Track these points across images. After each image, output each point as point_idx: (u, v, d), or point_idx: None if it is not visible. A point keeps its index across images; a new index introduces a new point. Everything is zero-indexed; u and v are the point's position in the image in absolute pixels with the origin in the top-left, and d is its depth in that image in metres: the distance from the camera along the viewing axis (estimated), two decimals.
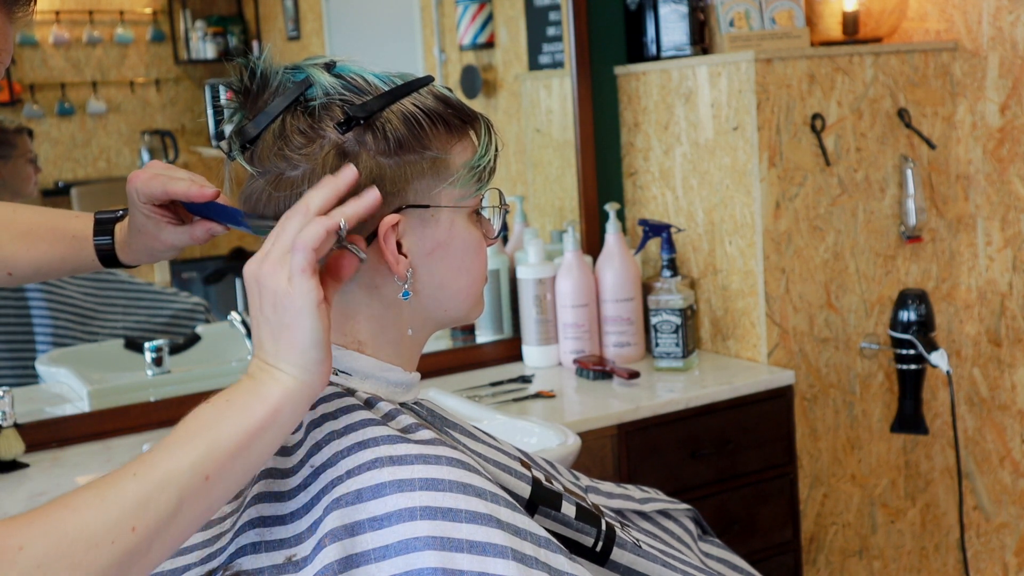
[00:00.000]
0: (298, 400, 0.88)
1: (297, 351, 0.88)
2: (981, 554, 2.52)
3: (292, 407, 0.88)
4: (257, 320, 0.90)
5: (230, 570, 0.90)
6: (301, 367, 0.88)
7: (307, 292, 0.87)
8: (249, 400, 0.87)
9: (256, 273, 0.89)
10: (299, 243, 0.87)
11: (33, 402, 2.04)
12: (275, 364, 0.88)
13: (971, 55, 2.34)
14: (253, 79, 1.01)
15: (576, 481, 1.23)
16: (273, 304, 0.88)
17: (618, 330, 2.30)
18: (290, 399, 0.88)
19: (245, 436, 0.86)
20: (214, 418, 0.86)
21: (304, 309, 0.87)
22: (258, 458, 0.88)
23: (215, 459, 0.84)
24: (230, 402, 0.87)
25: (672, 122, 2.34)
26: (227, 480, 0.86)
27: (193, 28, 2.43)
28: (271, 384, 0.88)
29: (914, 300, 2.21)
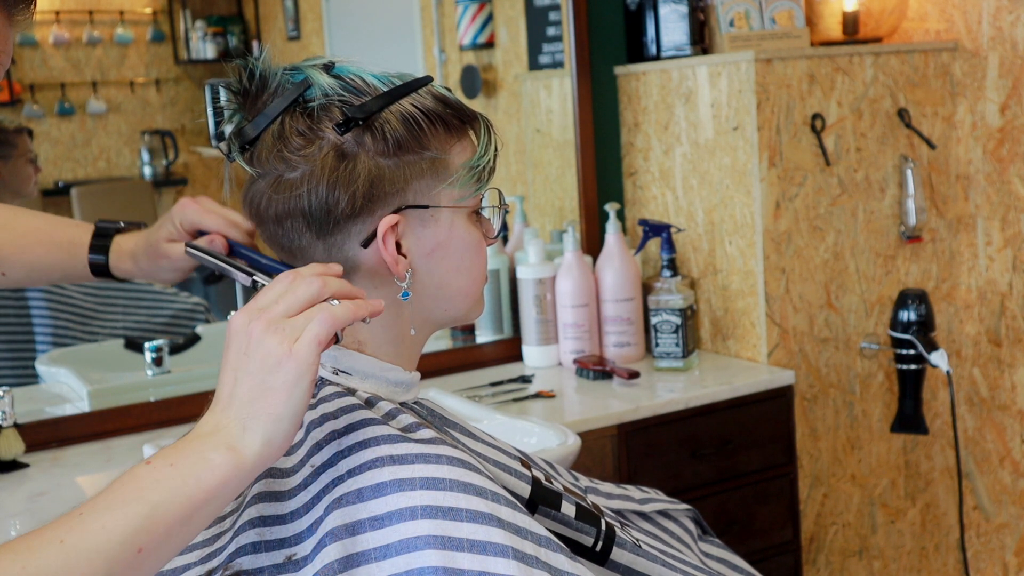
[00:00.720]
0: (248, 474, 0.83)
1: (272, 419, 0.83)
2: (981, 554, 2.52)
3: (240, 480, 0.82)
4: (235, 372, 0.85)
5: (230, 569, 0.90)
6: (267, 438, 0.83)
7: (310, 365, 0.84)
8: (196, 469, 0.81)
9: (251, 326, 0.85)
10: (329, 318, 0.85)
11: (33, 402, 2.04)
12: (239, 426, 0.83)
13: (971, 55, 2.34)
14: (252, 80, 1.01)
15: (576, 482, 1.24)
16: (264, 362, 0.84)
17: (618, 330, 2.30)
18: (240, 471, 0.82)
19: (186, 509, 0.80)
20: (154, 484, 0.80)
21: (300, 379, 0.83)
22: (197, 529, 0.82)
23: (151, 531, 0.78)
24: (174, 467, 0.81)
25: (672, 122, 2.35)
26: (161, 553, 0.80)
27: (193, 28, 2.43)
28: (224, 452, 0.82)
29: (914, 300, 2.21)
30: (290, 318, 0.85)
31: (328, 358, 1.03)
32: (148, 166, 2.41)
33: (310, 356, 0.84)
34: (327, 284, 0.88)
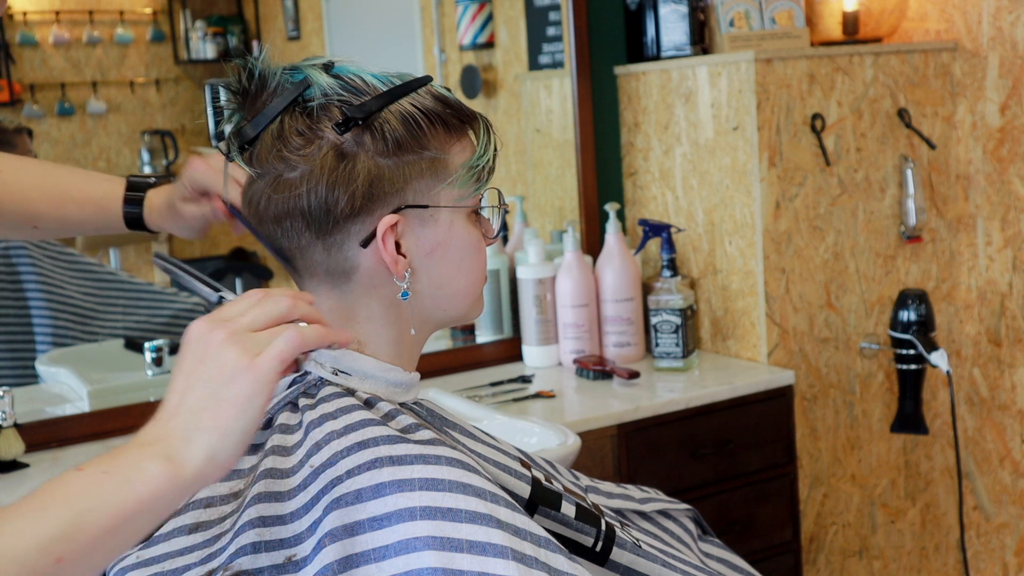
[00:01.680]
0: (185, 489, 0.79)
1: (219, 433, 0.79)
2: (981, 554, 2.52)
3: (176, 495, 0.78)
4: (187, 380, 0.81)
5: (230, 570, 0.90)
6: (210, 453, 0.79)
7: (268, 382, 0.82)
8: (129, 478, 0.76)
9: (211, 335, 0.82)
10: (296, 338, 0.84)
11: (33, 402, 2.04)
12: (182, 437, 0.79)
13: (971, 55, 2.34)
14: (251, 80, 1.01)
15: (576, 481, 1.24)
16: (220, 373, 0.81)
17: (618, 330, 2.30)
18: (176, 485, 0.78)
19: (113, 519, 0.75)
20: (82, 491, 0.75)
21: (255, 395, 0.81)
22: (125, 542, 0.77)
23: (72, 540, 0.73)
24: (107, 475, 0.76)
25: (672, 122, 2.35)
26: (83, 565, 0.74)
27: (193, 28, 2.43)
28: (161, 463, 0.77)
29: (914, 300, 2.21)
30: (254, 332, 0.83)
31: (328, 358, 1.03)
32: (148, 166, 2.41)
33: (270, 372, 0.82)
34: (297, 305, 0.87)
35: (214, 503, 0.99)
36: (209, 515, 0.98)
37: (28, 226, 1.34)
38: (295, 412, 1.01)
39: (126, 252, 2.43)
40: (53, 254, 2.18)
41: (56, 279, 2.17)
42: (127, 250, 2.43)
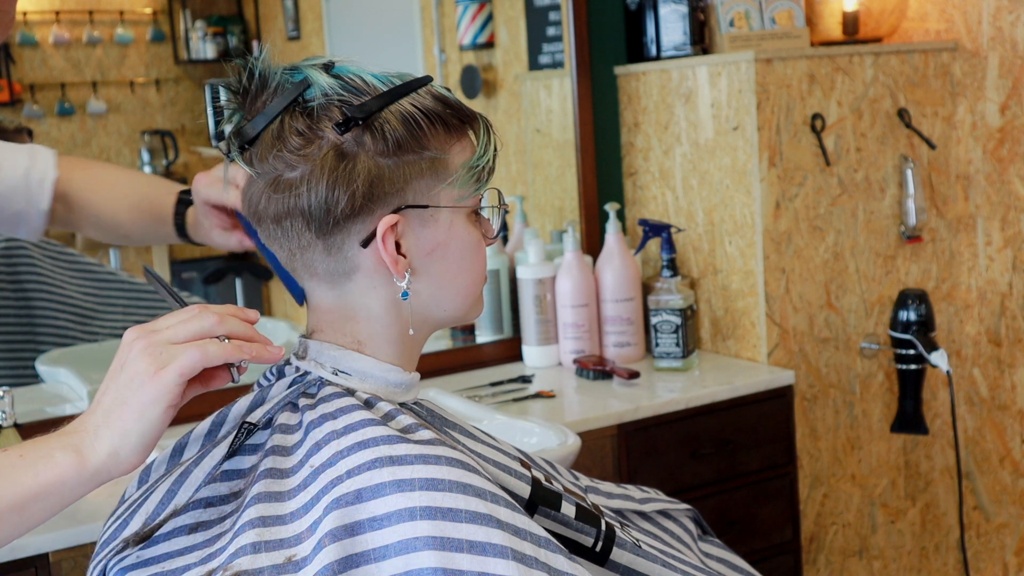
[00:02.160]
0: (88, 479, 0.87)
1: (120, 432, 0.87)
2: (981, 554, 2.52)
3: (79, 483, 0.87)
4: (108, 382, 0.89)
5: (230, 570, 0.90)
6: (112, 449, 0.87)
7: (168, 392, 0.88)
8: (38, 463, 0.85)
9: (134, 343, 0.89)
10: (197, 353, 0.88)
11: (33, 402, 2.04)
12: (92, 432, 0.87)
13: (971, 55, 2.34)
14: (252, 79, 1.01)
15: (576, 481, 1.24)
16: (131, 379, 0.87)
17: (618, 330, 2.30)
18: (79, 475, 0.86)
19: (19, 498, 0.85)
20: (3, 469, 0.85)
21: (155, 402, 0.87)
22: (33, 519, 0.86)
23: None
24: (22, 458, 0.86)
25: (672, 122, 2.35)
26: None
27: (193, 28, 2.43)
28: (70, 453, 0.86)
29: (914, 300, 2.21)
30: (171, 345, 0.89)
31: (328, 358, 1.03)
32: (148, 166, 2.41)
33: (169, 384, 0.87)
34: (223, 322, 0.91)
35: (214, 503, 0.99)
36: (209, 515, 0.98)
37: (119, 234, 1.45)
38: (295, 412, 1.01)
39: (126, 252, 2.43)
40: (53, 254, 2.18)
41: (56, 279, 2.17)
42: (127, 250, 2.43)
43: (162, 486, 1.01)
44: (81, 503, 1.63)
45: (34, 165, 1.44)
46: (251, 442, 1.01)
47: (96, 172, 1.45)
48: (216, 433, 1.03)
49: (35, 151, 1.46)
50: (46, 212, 1.43)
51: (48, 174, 1.43)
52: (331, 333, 1.04)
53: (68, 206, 1.44)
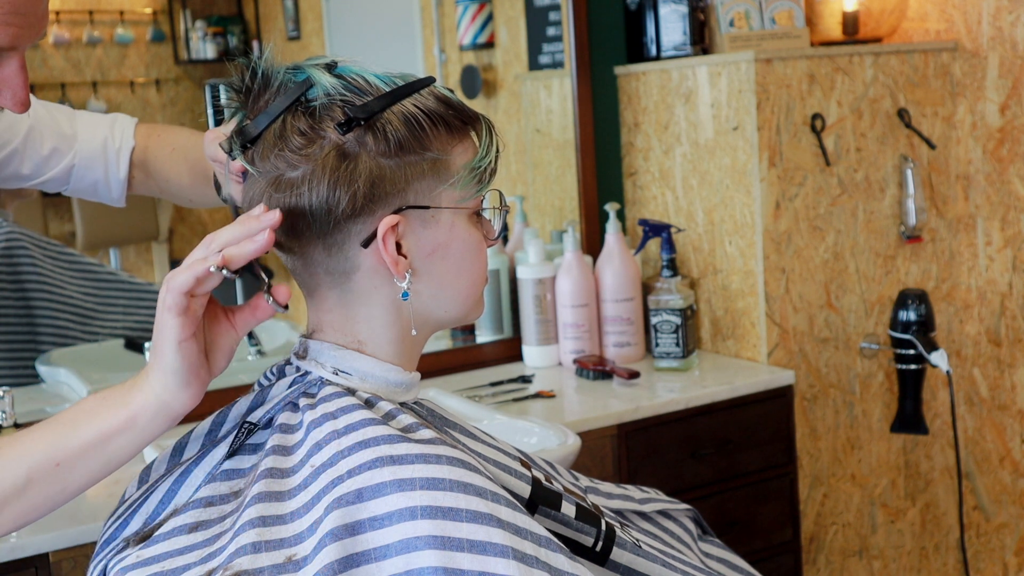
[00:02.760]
0: (153, 414, 0.94)
1: (160, 372, 0.93)
2: (981, 554, 2.52)
3: (148, 419, 0.94)
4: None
5: (230, 570, 0.90)
6: (162, 387, 0.94)
7: (168, 329, 0.92)
8: (115, 402, 0.94)
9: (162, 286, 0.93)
10: (173, 284, 0.92)
11: (33, 402, 2.04)
12: (147, 374, 0.94)
13: (971, 55, 2.34)
14: (254, 79, 1.01)
15: (576, 481, 1.24)
16: (156, 324, 0.93)
17: (618, 330, 2.30)
18: (146, 411, 0.94)
19: (99, 435, 0.94)
20: (88, 410, 0.95)
21: (166, 342, 0.92)
22: (114, 456, 0.95)
23: (67, 449, 0.93)
24: (105, 399, 0.95)
25: (672, 122, 2.35)
26: (79, 470, 0.94)
27: (193, 28, 2.43)
28: (136, 393, 0.94)
29: (914, 300, 2.21)
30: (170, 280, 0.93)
31: (329, 358, 1.03)
32: None
33: (166, 322, 0.92)
34: (214, 240, 0.94)
35: (214, 502, 0.99)
36: (209, 514, 0.98)
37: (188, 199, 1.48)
38: (296, 412, 1.01)
39: (126, 252, 2.43)
40: (53, 254, 2.18)
41: (56, 279, 2.17)
42: (127, 250, 2.43)
43: (162, 486, 1.01)
44: (81, 502, 1.63)
45: (112, 135, 1.47)
46: (251, 442, 1.01)
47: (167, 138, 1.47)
48: (216, 433, 1.03)
49: (116, 120, 1.49)
50: (123, 181, 1.48)
51: (125, 143, 1.47)
52: (332, 333, 1.04)
53: (146, 173, 1.48)
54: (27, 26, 0.99)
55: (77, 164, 1.45)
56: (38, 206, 2.29)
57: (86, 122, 1.48)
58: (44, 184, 1.47)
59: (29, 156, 1.43)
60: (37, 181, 1.46)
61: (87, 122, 1.48)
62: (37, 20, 1.00)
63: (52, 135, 1.44)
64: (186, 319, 0.92)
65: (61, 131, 1.45)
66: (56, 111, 1.46)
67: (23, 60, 1.01)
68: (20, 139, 1.42)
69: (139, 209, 2.43)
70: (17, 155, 1.42)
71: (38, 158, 1.43)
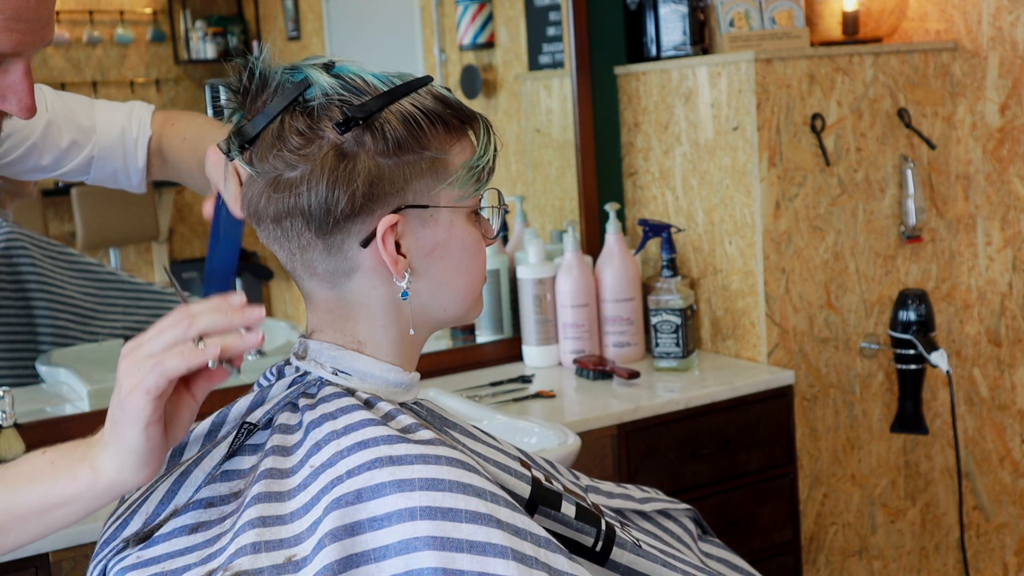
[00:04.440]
0: (103, 491, 0.91)
1: (118, 449, 0.89)
2: (981, 554, 2.52)
3: (96, 495, 0.91)
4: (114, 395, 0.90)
5: (230, 570, 0.90)
6: (118, 466, 0.89)
7: (139, 410, 0.87)
8: (63, 472, 0.91)
9: (122, 360, 0.89)
10: (158, 368, 0.86)
11: (33, 402, 2.04)
12: (102, 448, 0.90)
13: (971, 55, 2.34)
14: (252, 79, 1.01)
15: (576, 481, 1.24)
16: (117, 398, 0.88)
17: (618, 330, 2.30)
18: (94, 488, 0.91)
19: (41, 504, 0.91)
20: (29, 474, 0.92)
21: (132, 422, 0.87)
22: (55, 523, 0.93)
23: (10, 512, 0.92)
24: (53, 464, 0.92)
25: (672, 122, 2.35)
26: (17, 532, 0.93)
27: (193, 28, 2.43)
28: (86, 468, 0.90)
29: (914, 300, 2.21)
30: (146, 359, 0.87)
31: (328, 358, 1.03)
32: None
33: (139, 404, 0.86)
34: (194, 324, 0.88)
35: (214, 503, 0.99)
36: (209, 515, 0.98)
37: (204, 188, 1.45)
38: (295, 412, 1.01)
39: (126, 252, 2.43)
40: (53, 254, 2.18)
41: (56, 279, 2.16)
42: (127, 250, 2.43)
43: (162, 486, 1.01)
44: None
45: (130, 125, 1.47)
46: (251, 442, 1.01)
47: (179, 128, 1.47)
48: (216, 433, 1.03)
49: (133, 109, 1.50)
50: (143, 169, 1.47)
51: (143, 133, 1.47)
52: (331, 333, 1.04)
53: (164, 161, 1.48)
54: (31, 32, 0.98)
55: (96, 155, 1.46)
56: (38, 206, 2.29)
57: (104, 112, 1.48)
58: (65, 175, 1.47)
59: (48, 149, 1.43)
60: (58, 172, 1.46)
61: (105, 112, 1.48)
62: (41, 27, 1.00)
63: (70, 128, 1.44)
64: (159, 403, 0.87)
65: (79, 123, 1.45)
66: (74, 102, 1.47)
67: (28, 66, 1.01)
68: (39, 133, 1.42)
69: (139, 209, 2.42)
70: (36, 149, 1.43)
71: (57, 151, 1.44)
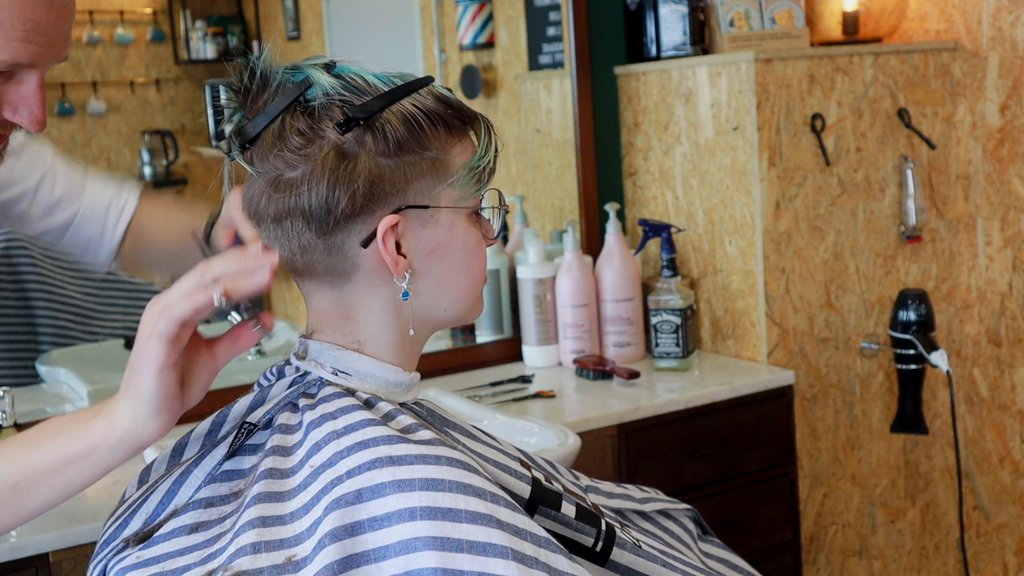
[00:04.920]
0: (117, 442, 0.92)
1: (132, 398, 0.91)
2: (981, 554, 2.52)
3: (111, 447, 0.92)
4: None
5: (230, 570, 0.90)
6: (131, 415, 0.91)
7: (153, 355, 0.90)
8: (78, 427, 0.92)
9: (146, 311, 0.91)
10: (171, 312, 0.89)
11: (33, 402, 2.04)
12: (116, 400, 0.92)
13: (971, 55, 2.34)
14: (253, 79, 1.01)
15: (576, 481, 1.23)
16: (137, 344, 0.91)
17: (618, 330, 2.30)
18: (109, 439, 0.92)
19: (58, 459, 0.92)
20: (50, 433, 0.93)
21: (147, 367, 0.90)
22: (73, 481, 0.93)
23: (26, 470, 0.92)
24: (70, 422, 0.93)
25: (672, 122, 2.35)
26: (36, 492, 0.93)
27: (193, 28, 2.43)
28: (101, 419, 0.92)
29: (914, 300, 2.21)
30: (165, 307, 0.90)
31: (328, 358, 1.03)
32: (148, 166, 2.41)
33: (153, 348, 0.90)
34: (208, 269, 0.92)
35: (214, 503, 0.99)
36: (209, 515, 0.98)
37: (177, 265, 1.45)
38: (295, 412, 1.01)
39: None
40: (53, 254, 2.18)
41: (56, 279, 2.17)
42: None
43: (162, 486, 1.01)
44: (81, 502, 1.63)
45: (117, 197, 1.47)
46: (251, 442, 1.01)
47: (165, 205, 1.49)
48: (216, 433, 1.03)
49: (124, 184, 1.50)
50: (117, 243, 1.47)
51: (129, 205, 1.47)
52: (331, 333, 1.04)
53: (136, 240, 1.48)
54: (49, 45, 0.99)
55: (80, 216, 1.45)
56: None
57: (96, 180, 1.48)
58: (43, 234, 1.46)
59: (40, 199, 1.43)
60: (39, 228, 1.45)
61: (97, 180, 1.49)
62: (59, 41, 1.00)
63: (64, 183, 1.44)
64: (173, 347, 0.90)
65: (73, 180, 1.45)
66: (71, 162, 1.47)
67: (43, 80, 1.01)
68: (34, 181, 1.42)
69: None
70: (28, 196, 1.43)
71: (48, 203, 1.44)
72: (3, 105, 1.02)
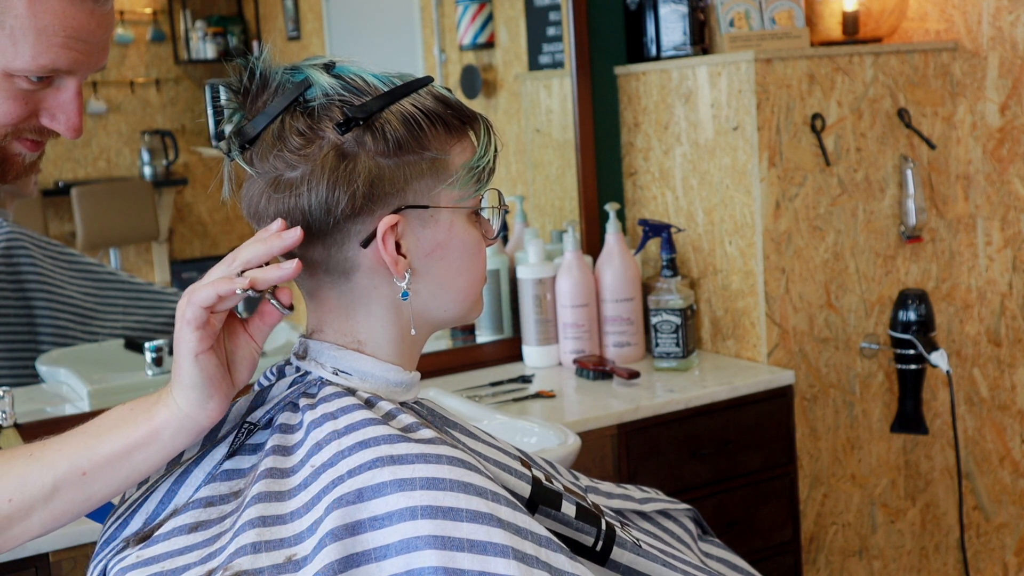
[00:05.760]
0: (177, 428, 0.94)
1: (180, 387, 0.93)
2: (981, 554, 2.52)
3: (172, 433, 0.94)
4: None
5: (230, 570, 0.90)
6: (184, 401, 0.94)
7: (185, 342, 0.92)
8: (141, 415, 0.95)
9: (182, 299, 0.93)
10: (194, 298, 0.91)
11: (33, 402, 2.04)
12: (171, 388, 0.94)
13: (971, 55, 2.34)
14: (252, 79, 1.01)
15: (576, 481, 1.24)
16: (175, 337, 0.93)
17: (618, 330, 2.30)
18: (169, 425, 0.94)
19: (123, 447, 0.94)
20: (114, 421, 0.95)
21: (184, 354, 0.92)
22: (138, 467, 0.95)
23: (93, 459, 0.94)
24: (132, 410, 0.96)
25: (672, 122, 2.35)
26: (103, 480, 0.95)
27: (193, 28, 2.43)
28: (160, 407, 0.95)
29: (914, 300, 2.21)
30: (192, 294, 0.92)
31: (328, 358, 1.03)
32: (148, 166, 2.41)
33: (183, 335, 0.92)
34: (236, 258, 0.94)
35: (214, 503, 0.99)
36: (209, 514, 0.98)
37: None
38: (296, 412, 1.01)
39: (126, 252, 2.43)
40: (53, 254, 2.18)
41: (56, 279, 2.17)
42: (127, 250, 2.43)
43: (162, 486, 1.01)
44: None
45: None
46: (251, 442, 1.01)
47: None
48: (216, 433, 1.03)
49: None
50: None
51: None
52: (331, 333, 1.04)
53: None
54: (88, 53, 1.00)
55: None
56: (38, 206, 2.29)
57: None
58: None
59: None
60: None
61: None
62: (99, 49, 1.01)
63: None
64: (204, 332, 0.92)
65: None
66: None
67: (80, 87, 1.02)
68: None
69: (139, 209, 2.43)
70: None
71: None
72: (41, 112, 1.03)
